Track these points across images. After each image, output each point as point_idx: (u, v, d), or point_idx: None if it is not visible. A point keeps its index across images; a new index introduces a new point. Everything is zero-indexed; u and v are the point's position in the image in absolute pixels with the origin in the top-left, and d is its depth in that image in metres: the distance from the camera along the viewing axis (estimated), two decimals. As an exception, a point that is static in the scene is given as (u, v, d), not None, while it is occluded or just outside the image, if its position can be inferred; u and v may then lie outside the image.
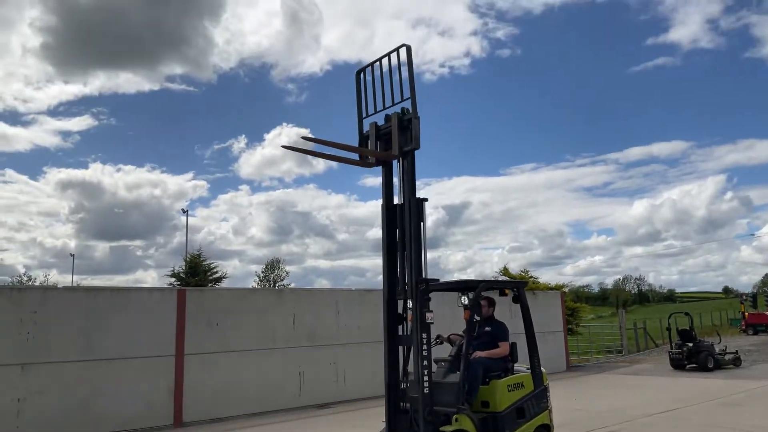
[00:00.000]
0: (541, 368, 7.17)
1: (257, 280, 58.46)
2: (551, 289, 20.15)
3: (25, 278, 55.63)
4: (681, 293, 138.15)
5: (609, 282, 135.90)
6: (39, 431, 9.08)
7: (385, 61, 6.75)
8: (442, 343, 7.21)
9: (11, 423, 8.89)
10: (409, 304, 6.21)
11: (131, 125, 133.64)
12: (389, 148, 6.66)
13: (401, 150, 6.53)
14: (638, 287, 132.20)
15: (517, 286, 7.41)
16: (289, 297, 12.53)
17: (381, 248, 6.78)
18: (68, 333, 9.53)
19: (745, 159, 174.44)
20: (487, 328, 7.11)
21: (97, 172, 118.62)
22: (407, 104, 6.53)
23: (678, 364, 16.90)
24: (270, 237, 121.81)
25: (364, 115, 7.10)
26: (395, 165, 6.74)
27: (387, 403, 6.43)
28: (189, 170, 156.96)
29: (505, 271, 23.51)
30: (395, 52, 6.61)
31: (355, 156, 6.78)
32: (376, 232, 6.47)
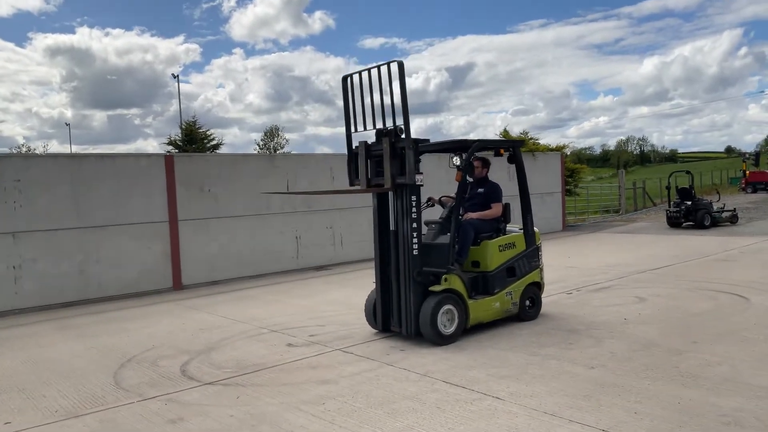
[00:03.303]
0: (534, 228, 7.03)
1: (257, 148, 58.22)
2: (551, 150, 19.79)
3: (24, 149, 55.43)
4: (683, 153, 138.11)
5: (612, 144, 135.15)
6: (39, 297, 9.23)
7: (374, 72, 5.93)
8: (433, 205, 7.03)
9: (9, 289, 9.00)
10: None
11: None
12: (381, 170, 6.05)
13: (394, 182, 5.91)
14: (640, 148, 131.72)
15: (512, 146, 7.06)
16: (282, 162, 12.26)
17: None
18: (56, 201, 9.37)
19: (765, 11, 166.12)
20: (480, 190, 6.89)
21: (84, 36, 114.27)
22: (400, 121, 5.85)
23: (675, 222, 17.00)
24: (268, 104, 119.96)
25: (353, 130, 6.39)
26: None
27: (378, 265, 6.39)
28: (179, 33, 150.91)
29: (505, 134, 23.01)
30: (386, 66, 5.79)
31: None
32: (377, 97, 5.96)
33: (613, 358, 5.32)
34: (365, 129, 6.34)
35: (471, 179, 6.75)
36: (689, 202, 16.79)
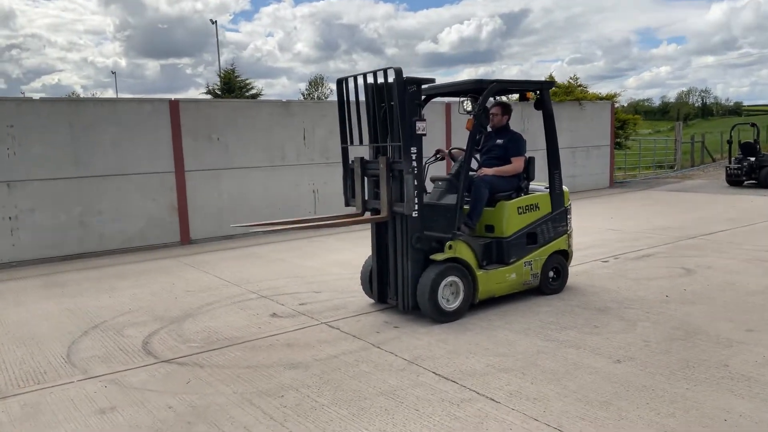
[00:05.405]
0: (563, 187, 6.01)
1: (302, 98, 57.35)
2: (601, 99, 18.17)
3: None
4: (749, 106, 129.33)
5: (672, 96, 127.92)
6: (37, 249, 8.81)
7: (370, 77, 5.08)
8: (442, 158, 6.08)
9: (6, 241, 8.60)
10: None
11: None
12: (378, 190, 5.24)
13: (391, 210, 5.03)
14: (702, 100, 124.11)
15: (539, 88, 5.97)
16: (298, 110, 11.37)
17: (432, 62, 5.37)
18: (53, 148, 8.81)
19: None
20: (499, 141, 5.86)
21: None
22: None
23: (735, 180, 15.45)
24: (317, 53, 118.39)
25: (348, 142, 5.47)
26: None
27: (374, 228, 5.55)
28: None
29: (550, 78, 21.35)
30: (382, 72, 4.89)
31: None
32: (427, 46, 5.02)
33: (645, 348, 4.37)
34: (361, 143, 5.49)
35: (485, 128, 5.73)
36: (753, 158, 15.17)
